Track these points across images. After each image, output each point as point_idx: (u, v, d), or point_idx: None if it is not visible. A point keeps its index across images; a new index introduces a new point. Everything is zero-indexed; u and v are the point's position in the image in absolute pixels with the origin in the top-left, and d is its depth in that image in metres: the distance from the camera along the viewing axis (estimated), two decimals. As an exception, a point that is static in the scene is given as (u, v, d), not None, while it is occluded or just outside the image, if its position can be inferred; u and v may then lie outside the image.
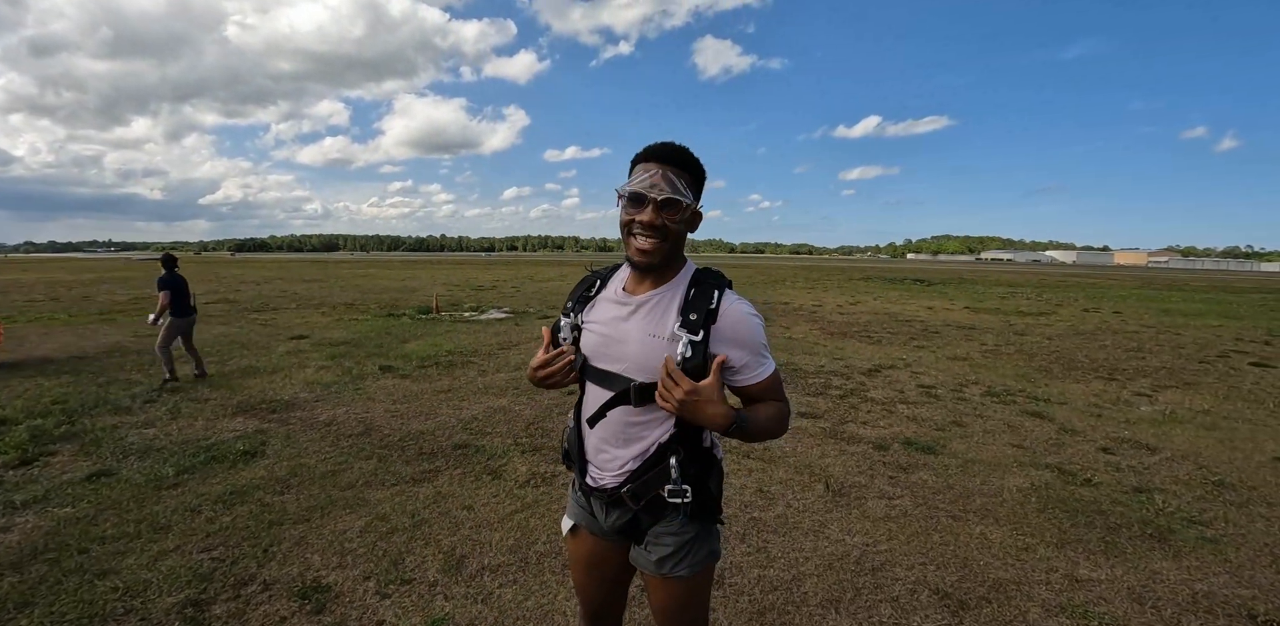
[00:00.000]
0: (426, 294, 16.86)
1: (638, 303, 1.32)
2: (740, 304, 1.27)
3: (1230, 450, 4.56)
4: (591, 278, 1.46)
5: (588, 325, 1.38)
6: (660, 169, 1.24)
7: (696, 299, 1.27)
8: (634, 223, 1.25)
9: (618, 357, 1.31)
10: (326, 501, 3.30)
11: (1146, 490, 3.73)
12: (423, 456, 4.03)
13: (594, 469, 1.38)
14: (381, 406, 5.26)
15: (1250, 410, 5.79)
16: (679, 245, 1.31)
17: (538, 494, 3.45)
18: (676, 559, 1.32)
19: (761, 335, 1.28)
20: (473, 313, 12.85)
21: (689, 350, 1.23)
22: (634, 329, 1.30)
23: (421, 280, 25.21)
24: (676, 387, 1.17)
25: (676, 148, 1.27)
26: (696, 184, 1.29)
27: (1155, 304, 18.85)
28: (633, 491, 1.31)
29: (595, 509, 1.40)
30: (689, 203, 1.25)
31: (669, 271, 1.33)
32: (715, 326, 1.25)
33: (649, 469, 1.30)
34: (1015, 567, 2.77)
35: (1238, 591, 2.63)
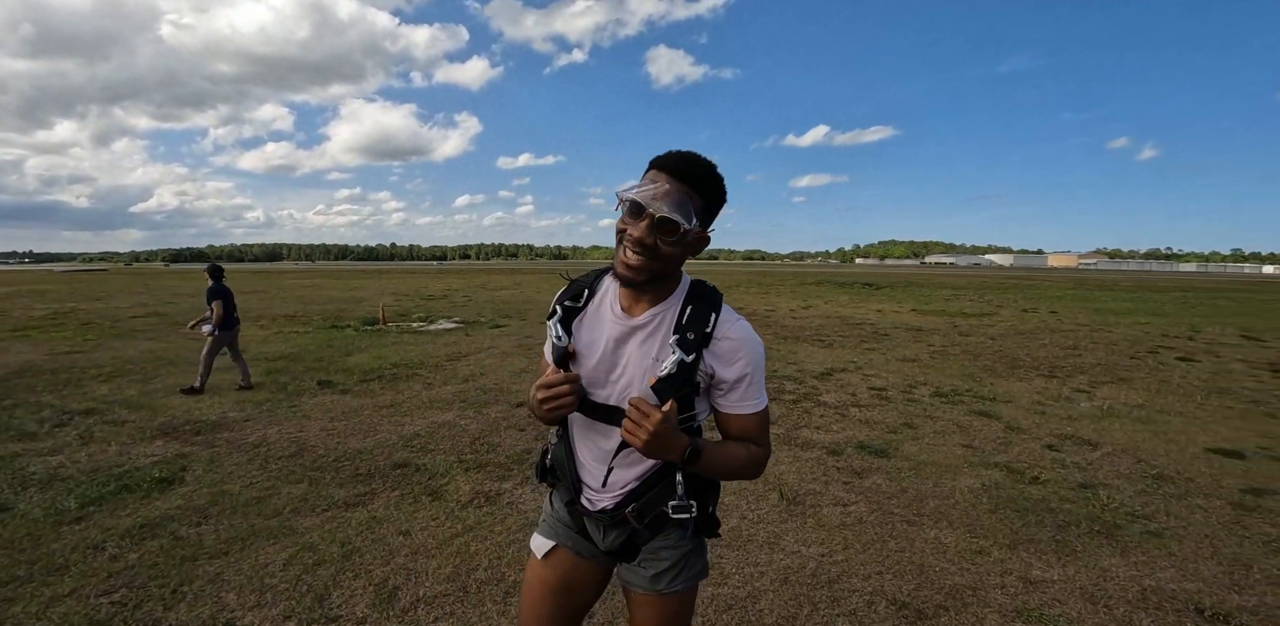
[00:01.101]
0: (374, 304, 16.28)
1: (635, 325, 1.22)
2: (741, 324, 1.21)
3: (1166, 443, 4.71)
4: (576, 286, 1.32)
5: (581, 351, 1.26)
6: (671, 184, 1.10)
7: (694, 317, 1.19)
8: (626, 234, 1.13)
9: (616, 383, 1.23)
10: (249, 532, 3.03)
11: (1091, 486, 3.79)
12: (358, 477, 3.78)
13: (589, 492, 1.31)
14: (317, 424, 4.95)
15: (1180, 403, 6.03)
16: (673, 267, 1.19)
17: (480, 514, 3.26)
18: (674, 573, 1.29)
19: (761, 359, 1.22)
20: (422, 323, 12.45)
21: (674, 368, 1.15)
22: (633, 353, 1.22)
23: (370, 290, 24.40)
24: (647, 418, 1.07)
25: (698, 163, 1.13)
26: (709, 208, 1.16)
27: (1087, 304, 19.79)
28: (637, 511, 1.25)
29: (591, 530, 1.33)
30: (689, 228, 1.11)
31: (665, 288, 1.23)
32: (710, 350, 1.18)
33: (651, 487, 1.25)
34: (970, 572, 2.74)
35: (1184, 585, 2.66)
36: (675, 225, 1.09)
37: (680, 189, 1.10)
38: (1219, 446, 4.62)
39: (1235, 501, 3.59)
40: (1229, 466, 4.20)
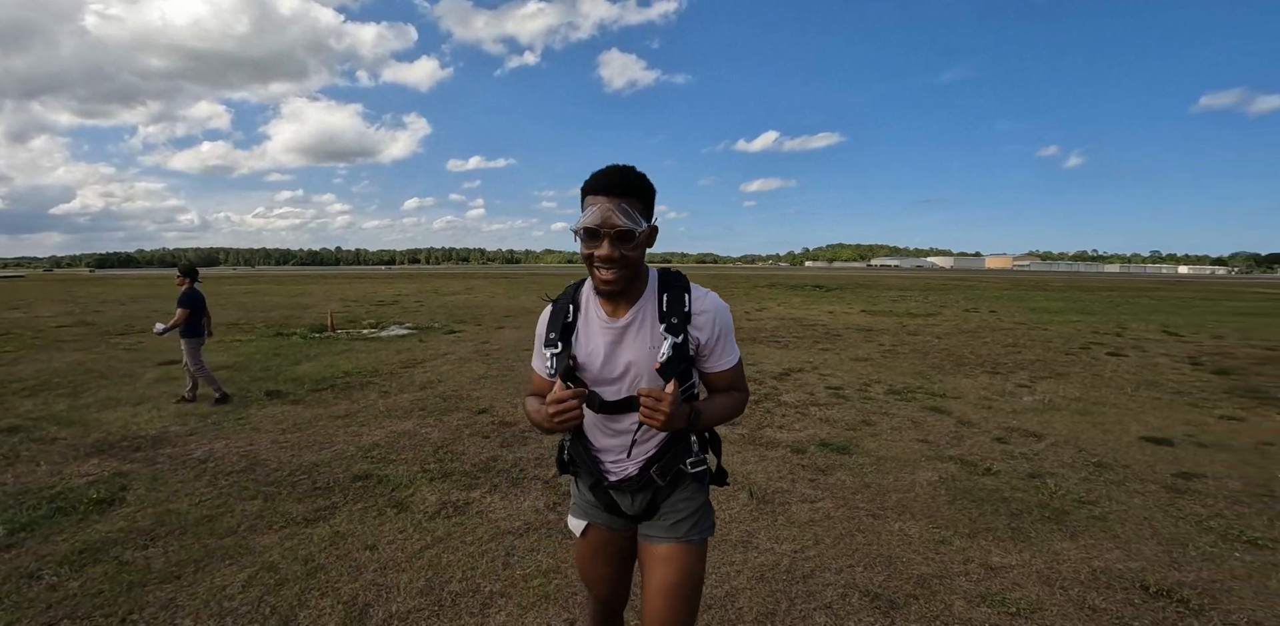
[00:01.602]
0: (321, 310, 15.72)
1: (623, 325, 1.39)
2: (709, 295, 1.42)
3: (1103, 432, 5.00)
4: (561, 305, 1.47)
5: (583, 358, 1.41)
6: (607, 201, 1.26)
7: (672, 303, 1.38)
8: (594, 257, 1.30)
9: (624, 378, 1.39)
10: (202, 553, 2.87)
11: (1039, 475, 3.98)
12: (317, 492, 3.64)
13: (612, 466, 1.47)
14: (268, 437, 4.75)
15: (1113, 395, 6.41)
16: (639, 266, 1.37)
17: (450, 525, 3.18)
18: (692, 521, 1.46)
19: (729, 321, 1.42)
20: (372, 330, 12.09)
21: (670, 351, 1.33)
22: (631, 349, 1.38)
23: (315, 296, 23.53)
24: (660, 403, 1.24)
25: (619, 175, 1.29)
26: (647, 206, 1.33)
27: (1023, 303, 20.82)
28: (660, 470, 1.42)
29: (618, 499, 1.49)
30: (640, 230, 1.28)
31: (637, 287, 1.40)
32: (692, 324, 1.38)
33: (669, 449, 1.42)
34: (935, 561, 2.84)
35: (1129, 564, 2.83)
36: (629, 233, 1.27)
37: (617, 202, 1.26)
38: (1150, 434, 4.93)
39: (1168, 485, 3.83)
40: (1160, 453, 4.49)
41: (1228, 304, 22.06)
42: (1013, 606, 2.47)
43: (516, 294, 24.62)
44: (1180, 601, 2.52)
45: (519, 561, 2.81)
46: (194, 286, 6.00)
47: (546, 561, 2.81)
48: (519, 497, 3.57)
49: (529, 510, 3.39)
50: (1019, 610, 2.45)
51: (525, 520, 3.25)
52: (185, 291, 5.90)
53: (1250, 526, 3.25)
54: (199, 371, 5.87)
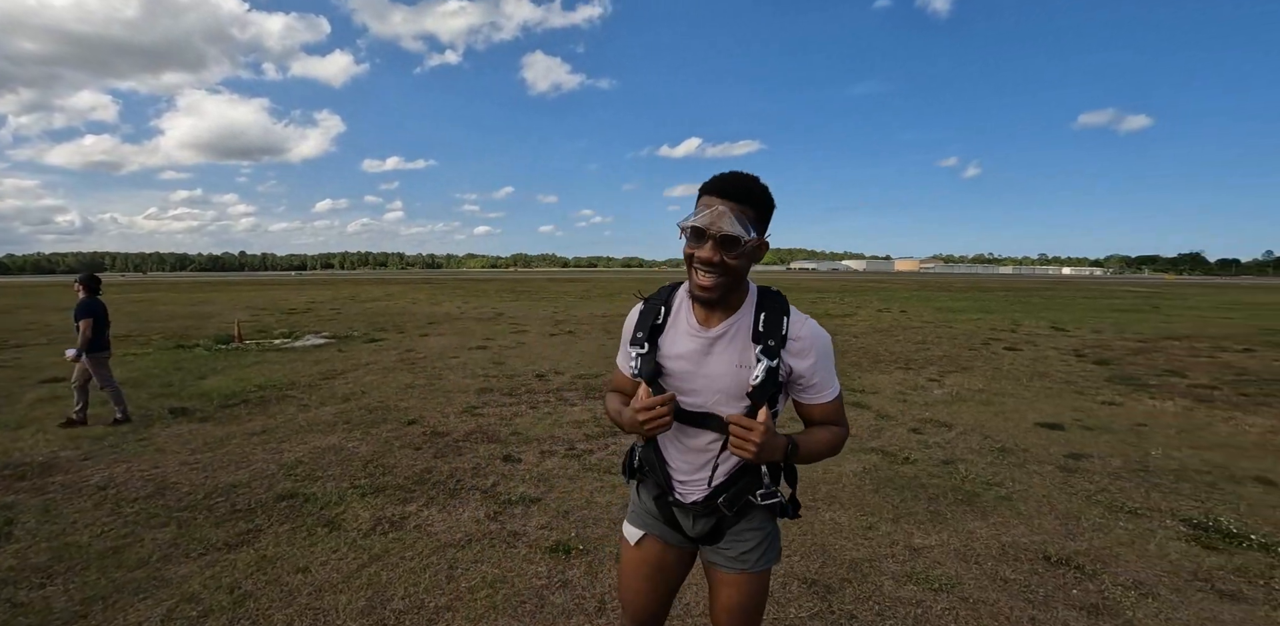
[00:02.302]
0: (226, 320, 14.67)
1: (714, 336, 1.33)
2: (810, 322, 1.33)
3: (1004, 420, 5.45)
4: (653, 305, 1.42)
5: (668, 359, 1.36)
6: (722, 204, 1.21)
7: (769, 324, 1.30)
8: (694, 257, 1.25)
9: (704, 391, 1.33)
10: (110, 588, 2.64)
11: (952, 461, 4.30)
12: (237, 514, 3.43)
13: (680, 486, 1.41)
14: (176, 458, 4.41)
15: (1011, 386, 6.99)
16: (740, 279, 1.30)
17: (387, 542, 3.08)
18: (759, 552, 1.41)
19: (830, 351, 1.34)
20: (285, 339, 11.41)
21: (764, 375, 1.26)
22: (718, 362, 1.32)
23: (219, 304, 21.93)
24: (751, 432, 1.18)
25: (742, 181, 1.24)
26: (761, 218, 1.27)
27: (930, 303, 22.27)
28: (729, 501, 1.35)
29: (680, 518, 1.44)
30: (749, 239, 1.22)
31: (735, 300, 1.33)
32: (785, 350, 1.30)
33: (738, 479, 1.35)
34: (865, 546, 3.02)
35: (1033, 538, 3.12)
36: (736, 239, 1.20)
37: (732, 207, 1.21)
38: (1044, 421, 5.42)
39: (1061, 465, 4.24)
40: (1053, 436, 4.95)
41: (1104, 301, 24.50)
42: (935, 582, 2.68)
43: (440, 299, 23.90)
44: (1076, 568, 2.81)
45: (463, 573, 2.76)
46: (95, 296, 5.49)
47: (492, 572, 2.78)
48: (458, 509, 3.50)
49: (469, 521, 3.33)
50: (941, 586, 2.65)
51: (466, 531, 3.20)
52: (84, 301, 5.38)
53: (1130, 498, 3.65)
54: (109, 390, 5.38)
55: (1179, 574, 2.79)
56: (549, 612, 2.46)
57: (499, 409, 5.84)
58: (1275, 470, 4.18)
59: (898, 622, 2.40)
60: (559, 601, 2.54)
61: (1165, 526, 3.28)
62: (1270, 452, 4.58)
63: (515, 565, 2.83)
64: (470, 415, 5.60)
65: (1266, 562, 2.89)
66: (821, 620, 2.42)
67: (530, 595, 2.58)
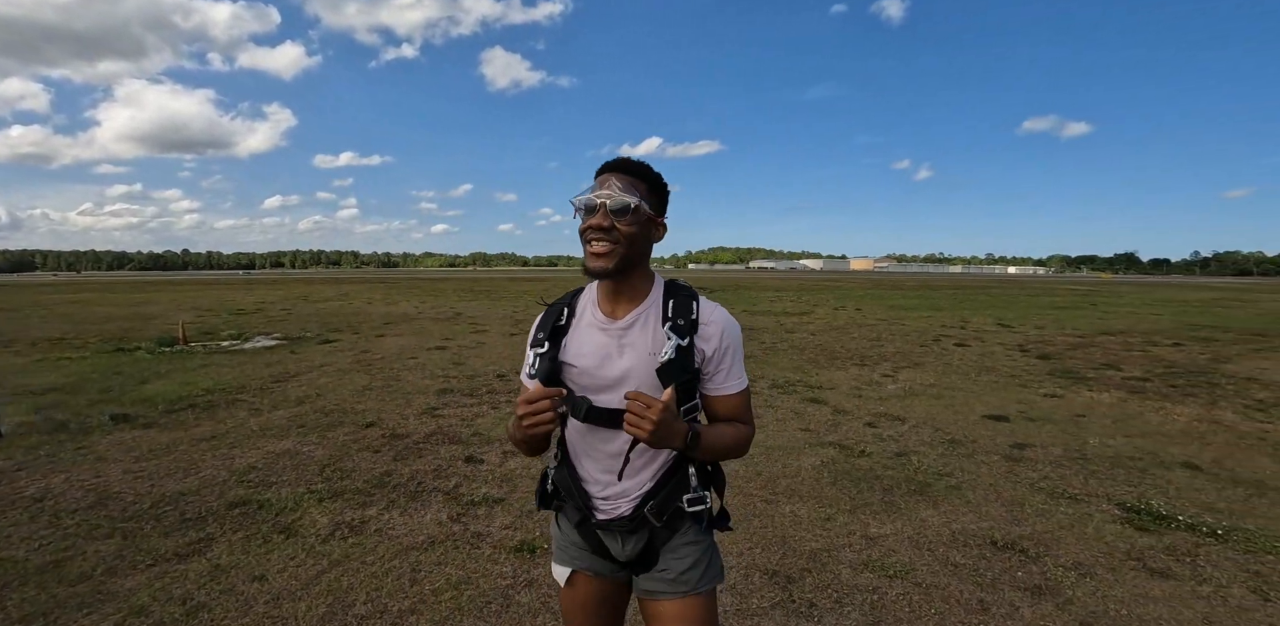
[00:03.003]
0: (169, 321, 14.03)
1: (623, 326, 1.27)
2: (719, 309, 1.29)
3: (954, 413, 5.67)
4: (556, 307, 1.36)
5: (572, 359, 1.28)
6: (611, 176, 1.22)
7: (679, 308, 1.26)
8: (588, 229, 1.21)
9: (620, 386, 1.24)
10: (51, 604, 2.52)
11: (905, 453, 4.46)
12: (187, 523, 3.31)
13: (602, 503, 1.31)
14: (118, 466, 4.22)
15: (960, 381, 7.27)
16: (638, 252, 1.25)
17: (347, 547, 3.02)
18: (699, 570, 1.30)
19: (739, 338, 1.30)
20: (234, 341, 11.00)
21: (673, 353, 1.21)
22: (631, 354, 1.25)
23: (161, 305, 20.94)
24: (649, 409, 1.09)
25: (633, 161, 1.25)
26: (654, 193, 1.26)
27: (883, 301, 22.92)
28: (656, 508, 1.26)
29: (608, 542, 1.32)
30: (638, 203, 1.19)
31: (641, 287, 1.30)
32: (698, 334, 1.25)
33: (665, 482, 1.27)
34: (823, 537, 3.12)
35: (980, 524, 3.27)
36: (626, 205, 1.18)
37: (622, 178, 1.22)
38: (991, 413, 5.66)
39: (1007, 455, 4.44)
40: (999, 428, 5.18)
41: (1046, 299, 25.64)
42: (890, 569, 2.78)
43: (396, 299, 23.38)
44: (1021, 551, 2.96)
45: (426, 576, 2.74)
46: None
47: (456, 573, 2.76)
48: (419, 511, 3.45)
49: (431, 523, 3.29)
50: (895, 572, 2.76)
51: (429, 534, 3.16)
52: None
53: (1070, 484, 3.86)
54: None
55: (1114, 554, 2.96)
56: (515, 612, 2.46)
57: (460, 410, 5.77)
58: (1200, 456, 4.47)
59: (855, 609, 2.49)
60: (525, 600, 2.54)
61: (1102, 510, 3.48)
62: (1195, 439, 4.89)
63: (480, 566, 2.82)
64: (430, 416, 5.52)
65: (1192, 541, 3.09)
66: (783, 609, 2.49)
67: (496, 595, 2.58)
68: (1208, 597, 2.59)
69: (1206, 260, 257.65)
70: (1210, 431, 5.13)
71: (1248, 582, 2.71)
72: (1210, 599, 2.58)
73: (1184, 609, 2.51)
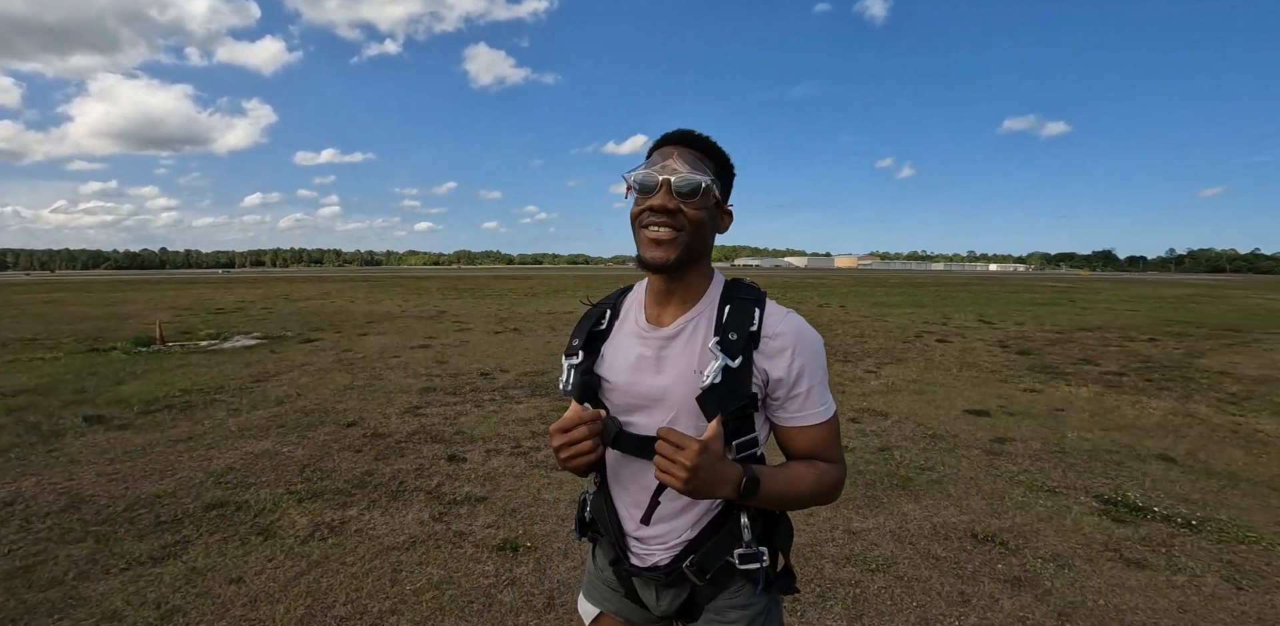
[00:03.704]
0: (146, 321, 13.78)
1: (667, 336, 1.05)
2: (792, 317, 1.04)
3: (935, 408, 5.73)
4: (596, 309, 1.17)
5: (606, 374, 1.09)
6: (676, 149, 1.01)
7: (736, 316, 1.02)
8: (645, 212, 1.00)
9: (657, 409, 1.04)
10: (20, 611, 2.46)
11: (887, 448, 4.49)
12: (162, 526, 3.24)
13: (638, 546, 1.10)
14: (92, 469, 4.13)
15: (942, 376, 7.35)
16: (703, 242, 1.04)
17: (326, 547, 2.98)
18: None
19: (820, 355, 1.04)
20: (213, 341, 10.82)
21: (719, 377, 0.96)
22: (672, 368, 1.03)
23: (138, 304, 20.56)
24: (682, 451, 0.88)
25: (700, 135, 1.05)
26: (722, 174, 1.06)
27: (867, 298, 23.11)
28: (698, 564, 1.03)
29: (641, 591, 1.13)
30: (710, 182, 0.99)
31: (696, 287, 1.07)
32: (759, 351, 1.00)
33: (712, 533, 1.04)
34: (807, 532, 3.13)
35: (961, 518, 3.30)
36: (698, 185, 0.98)
37: (688, 152, 1.02)
38: (972, 408, 5.73)
39: (987, 449, 4.49)
40: (980, 422, 5.24)
41: (1026, 296, 26.00)
42: (872, 563, 2.80)
43: (379, 297, 23.16)
44: (1001, 543, 3.00)
45: (408, 576, 2.71)
46: None
47: (438, 573, 2.73)
48: (401, 511, 3.41)
49: (413, 523, 3.26)
50: (877, 566, 2.78)
51: (410, 534, 3.13)
52: None
53: (1049, 478, 3.91)
54: None
55: (1091, 545, 3.01)
56: (497, 611, 2.44)
57: (443, 408, 5.73)
58: (1174, 448, 4.55)
59: (838, 603, 2.50)
60: (507, 599, 2.52)
61: (1080, 502, 3.53)
62: (1170, 432, 4.98)
63: (462, 565, 2.80)
64: (413, 415, 5.47)
65: (1167, 532, 3.15)
66: (766, 604, 2.50)
67: (478, 594, 2.56)
68: (1182, 587, 2.64)
69: (1181, 257, 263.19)
70: (1185, 424, 5.22)
71: (1221, 572, 2.76)
72: (1185, 588, 2.63)
73: (1159, 598, 2.55)
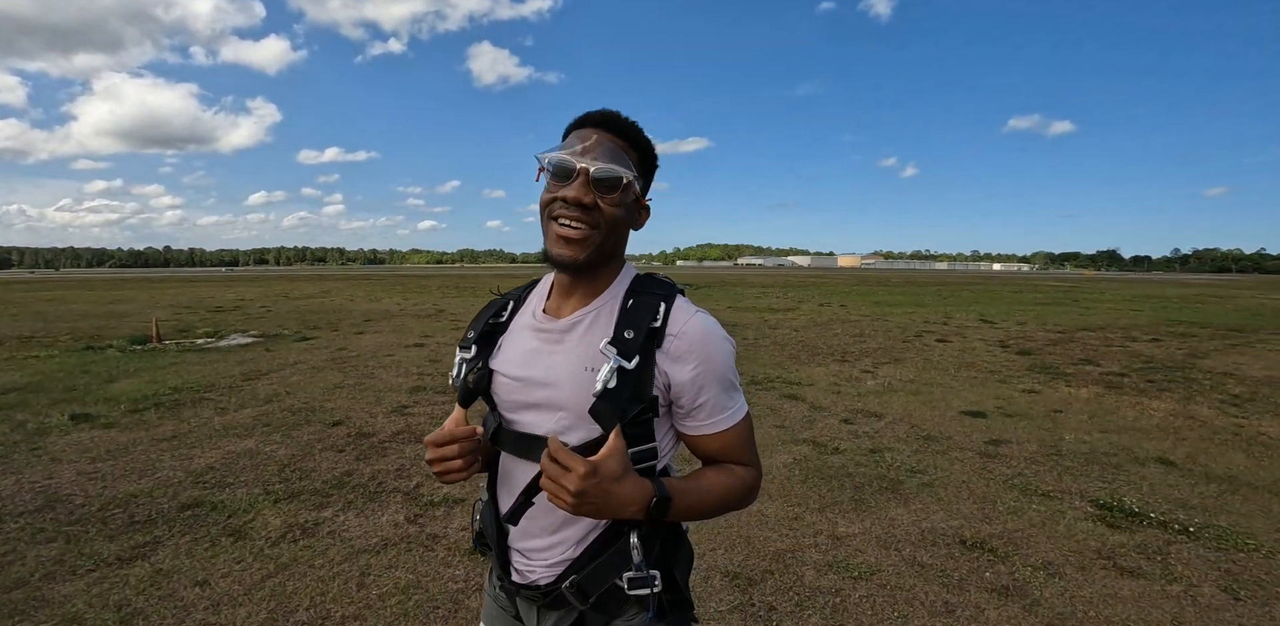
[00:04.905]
0: (144, 318, 13.77)
1: (563, 327, 0.97)
2: (700, 317, 0.94)
3: (931, 409, 5.63)
4: (500, 300, 1.09)
5: (498, 368, 1.01)
6: (597, 134, 0.92)
7: (637, 311, 0.93)
8: (556, 201, 0.91)
9: (546, 406, 0.95)
10: (-24, 611, 2.40)
11: (879, 450, 4.40)
12: (135, 526, 3.18)
13: (520, 559, 1.00)
14: (72, 468, 4.07)
15: (940, 376, 7.25)
16: (617, 240, 0.96)
17: (296, 550, 2.92)
18: None
19: (731, 362, 0.96)
20: (209, 339, 10.79)
21: (614, 379, 0.88)
22: (562, 364, 0.94)
23: (138, 302, 20.57)
24: (566, 473, 0.79)
25: (622, 117, 0.96)
26: (644, 165, 0.97)
27: (868, 297, 22.97)
28: (579, 585, 0.94)
29: (522, 611, 1.04)
30: (632, 178, 0.91)
31: (602, 279, 0.99)
32: (661, 350, 0.91)
33: (598, 552, 0.95)
34: (789, 537, 3.05)
35: (950, 523, 3.21)
36: (618, 178, 0.90)
37: (614, 140, 0.93)
38: (968, 408, 5.63)
39: (981, 451, 4.40)
40: (975, 424, 5.14)
41: (1029, 295, 25.81)
42: (855, 571, 2.72)
43: (379, 296, 23.14)
44: (990, 550, 2.91)
45: (375, 580, 2.64)
46: None
47: (406, 577, 2.66)
48: (376, 513, 3.35)
49: (387, 525, 3.19)
50: (860, 574, 2.69)
51: (383, 536, 3.06)
52: None
53: (1044, 481, 3.82)
54: None
55: (1084, 553, 2.92)
56: (464, 616, 2.37)
57: (430, 408, 5.66)
58: (1174, 451, 4.45)
59: (815, 612, 2.42)
60: (474, 605, 2.45)
61: (1074, 507, 3.44)
62: (1170, 435, 4.88)
63: (432, 569, 2.73)
64: (399, 415, 5.40)
65: (1164, 539, 3.06)
66: (741, 613, 2.42)
67: (445, 600, 2.48)
68: (1177, 597, 2.55)
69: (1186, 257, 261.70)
70: (1185, 427, 5.12)
71: (1219, 581, 2.67)
72: (1180, 598, 2.54)
73: (1152, 609, 2.46)
